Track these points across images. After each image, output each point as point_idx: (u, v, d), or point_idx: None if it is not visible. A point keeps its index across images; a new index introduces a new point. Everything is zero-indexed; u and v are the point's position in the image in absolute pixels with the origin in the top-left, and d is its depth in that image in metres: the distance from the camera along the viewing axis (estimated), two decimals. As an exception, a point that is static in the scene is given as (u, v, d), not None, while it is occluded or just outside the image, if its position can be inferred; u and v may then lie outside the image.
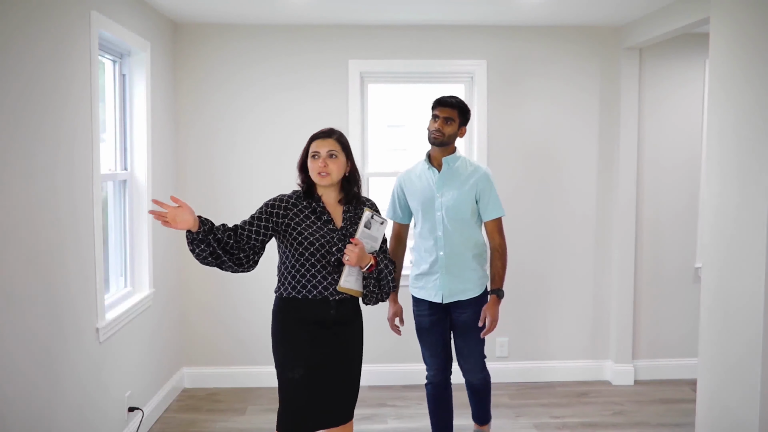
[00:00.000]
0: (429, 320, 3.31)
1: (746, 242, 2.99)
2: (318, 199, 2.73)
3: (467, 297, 3.25)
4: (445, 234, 3.22)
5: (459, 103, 3.23)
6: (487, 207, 3.24)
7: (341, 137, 2.74)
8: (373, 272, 2.70)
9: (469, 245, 3.24)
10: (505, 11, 4.23)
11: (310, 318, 2.67)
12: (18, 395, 2.55)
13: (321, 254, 2.64)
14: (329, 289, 2.66)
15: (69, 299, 2.98)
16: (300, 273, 2.66)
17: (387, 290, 2.78)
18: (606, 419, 4.20)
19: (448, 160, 3.24)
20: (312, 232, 2.65)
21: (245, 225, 2.65)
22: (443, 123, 3.18)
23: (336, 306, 2.69)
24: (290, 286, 2.68)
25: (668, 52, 4.73)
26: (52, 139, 2.84)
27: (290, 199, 2.71)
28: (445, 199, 3.21)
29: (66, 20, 2.96)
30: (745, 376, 2.99)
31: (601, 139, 4.76)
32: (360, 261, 2.63)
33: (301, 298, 2.67)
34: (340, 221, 2.71)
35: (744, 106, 3.02)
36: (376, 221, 2.72)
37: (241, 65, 4.59)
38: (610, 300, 4.85)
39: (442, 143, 3.20)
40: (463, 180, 3.22)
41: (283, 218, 2.67)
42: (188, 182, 4.61)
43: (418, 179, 3.31)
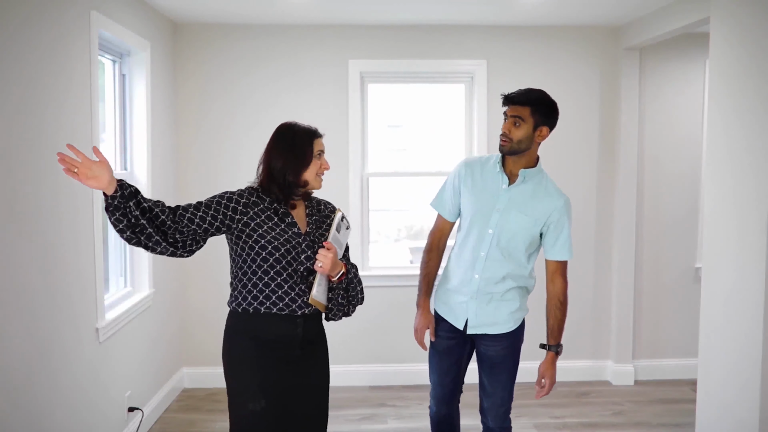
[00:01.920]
0: (446, 344, 2.79)
1: (746, 242, 2.98)
2: (279, 200, 2.37)
3: (496, 332, 2.71)
4: (489, 257, 2.64)
5: (533, 98, 2.56)
6: (555, 245, 2.65)
7: None
8: (342, 282, 2.35)
9: (513, 277, 2.68)
10: (505, 11, 4.23)
11: (273, 337, 2.29)
12: (18, 395, 2.55)
13: (287, 261, 2.28)
14: (297, 302, 2.29)
15: (69, 299, 2.98)
16: (262, 283, 2.28)
17: (355, 303, 2.43)
18: (606, 419, 4.20)
19: (526, 173, 2.62)
20: (275, 236, 2.28)
21: (190, 208, 2.27)
22: (511, 125, 2.55)
23: (303, 323, 2.31)
24: (249, 300, 2.30)
25: (668, 52, 4.73)
26: (53, 139, 2.84)
27: (251, 197, 2.34)
28: (505, 219, 2.61)
29: (66, 20, 2.96)
30: (745, 376, 2.99)
31: (601, 139, 4.76)
32: (333, 267, 2.29)
33: (263, 314, 2.28)
34: (305, 224, 2.39)
35: (744, 106, 3.02)
36: (344, 225, 2.41)
37: (241, 65, 4.59)
38: (610, 300, 4.84)
39: (512, 151, 2.57)
40: (535, 203, 2.61)
41: (241, 215, 2.30)
42: (188, 182, 4.61)
43: (482, 178, 2.69)
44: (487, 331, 2.71)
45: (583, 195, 4.78)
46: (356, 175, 4.65)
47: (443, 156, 4.94)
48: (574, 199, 4.77)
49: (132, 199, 2.13)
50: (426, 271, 2.84)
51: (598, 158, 4.77)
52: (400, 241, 5.28)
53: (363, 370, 4.77)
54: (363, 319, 4.72)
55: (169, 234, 2.22)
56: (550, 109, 2.58)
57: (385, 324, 4.74)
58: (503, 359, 2.73)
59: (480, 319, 2.69)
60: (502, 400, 2.77)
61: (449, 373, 2.82)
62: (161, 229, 2.20)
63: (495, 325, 2.70)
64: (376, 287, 4.72)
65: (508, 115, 2.56)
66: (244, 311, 2.31)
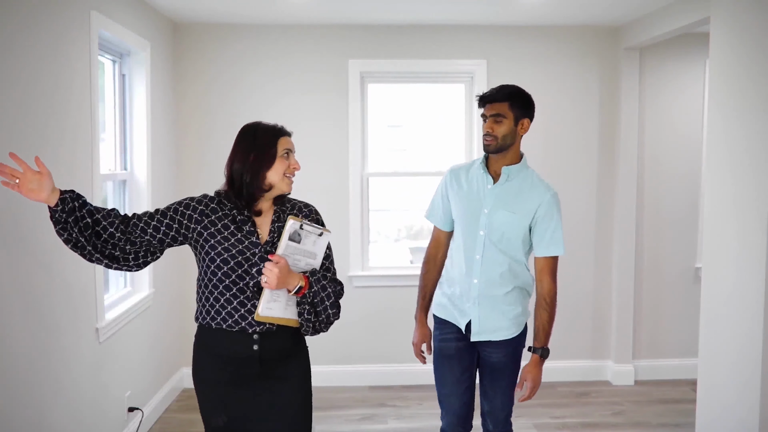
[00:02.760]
0: (455, 346, 2.66)
1: (746, 242, 2.98)
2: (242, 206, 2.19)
3: (499, 338, 2.63)
4: (484, 260, 2.59)
5: (508, 93, 2.57)
6: (543, 240, 2.57)
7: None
8: (305, 296, 2.14)
9: (510, 278, 2.62)
10: (505, 11, 4.23)
11: (228, 354, 2.15)
12: (18, 395, 2.55)
13: (237, 275, 2.11)
14: (247, 319, 2.12)
15: (69, 299, 2.98)
16: (213, 296, 2.15)
17: (325, 318, 2.19)
18: (606, 419, 4.20)
19: (509, 171, 2.58)
20: (227, 247, 2.12)
21: (144, 217, 2.16)
22: (492, 123, 2.54)
23: (260, 340, 2.14)
24: (206, 313, 2.17)
25: (668, 52, 4.73)
26: (52, 138, 2.84)
27: (211, 203, 2.19)
28: (492, 218, 2.57)
29: (66, 20, 2.96)
30: (745, 376, 2.99)
31: (601, 139, 4.76)
32: (283, 283, 2.08)
33: (215, 329, 2.16)
34: (267, 233, 2.19)
35: (745, 106, 3.02)
36: (308, 233, 2.15)
37: (241, 65, 4.59)
38: (610, 300, 4.84)
39: (498, 149, 2.55)
40: (521, 199, 2.57)
41: (196, 224, 2.16)
42: (188, 182, 4.61)
43: (468, 182, 2.67)
44: (490, 337, 2.63)
45: (583, 195, 4.78)
46: (356, 175, 4.65)
47: (443, 156, 4.94)
48: (575, 199, 4.77)
49: (72, 215, 2.06)
50: (423, 283, 2.80)
51: (598, 158, 4.77)
52: (400, 241, 5.28)
53: (363, 370, 4.77)
54: (363, 319, 4.72)
55: (119, 246, 2.12)
56: (526, 101, 2.59)
57: (385, 324, 4.74)
58: (505, 365, 2.66)
59: (483, 325, 2.62)
60: (502, 405, 2.69)
61: (463, 380, 2.66)
62: (109, 242, 2.11)
63: (498, 332, 2.63)
64: (376, 287, 4.72)
65: (487, 116, 2.55)
66: (202, 326, 2.20)
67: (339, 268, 4.66)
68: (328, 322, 2.21)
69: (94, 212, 2.11)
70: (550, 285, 2.60)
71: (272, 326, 2.15)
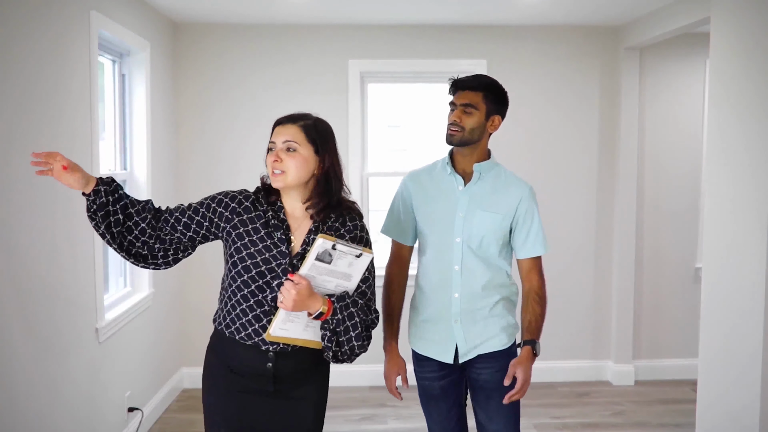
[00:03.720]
0: (439, 386, 2.39)
1: (746, 242, 2.98)
2: (278, 208, 2.02)
3: (490, 350, 2.34)
4: (464, 270, 2.31)
5: (484, 83, 2.31)
6: (527, 240, 2.34)
7: (312, 125, 2.00)
8: (327, 322, 1.92)
9: (494, 286, 2.35)
10: (504, 11, 4.22)
11: (241, 369, 1.98)
12: (18, 395, 2.55)
13: (258, 285, 1.94)
14: (261, 335, 1.95)
15: (69, 299, 2.98)
16: (231, 303, 1.98)
17: (349, 350, 1.96)
18: (606, 419, 4.20)
19: (480, 168, 2.34)
20: (253, 252, 1.94)
21: (175, 212, 2.02)
22: (461, 113, 2.29)
23: (275, 358, 1.96)
24: (222, 318, 2.02)
25: (668, 52, 4.73)
26: (52, 138, 2.83)
27: (245, 201, 2.02)
28: (470, 222, 2.30)
29: (65, 20, 2.96)
30: (746, 376, 2.98)
31: (601, 139, 4.76)
32: (301, 306, 1.87)
33: (228, 338, 1.99)
34: (301, 243, 1.98)
35: (745, 106, 3.02)
36: (342, 253, 1.91)
37: (241, 65, 4.59)
38: (610, 300, 4.84)
39: (462, 141, 2.30)
40: (499, 197, 2.33)
41: (225, 223, 1.99)
42: (188, 182, 4.61)
43: (434, 185, 2.40)
44: (480, 351, 2.34)
45: (584, 195, 4.78)
46: (356, 175, 4.65)
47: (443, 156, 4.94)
48: (575, 199, 4.77)
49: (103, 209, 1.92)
50: (389, 309, 2.45)
51: (598, 158, 4.77)
52: (400, 241, 5.28)
53: (363, 370, 4.76)
54: (363, 319, 4.72)
55: (149, 244, 1.99)
56: (501, 97, 2.34)
57: (385, 324, 4.73)
58: (499, 384, 2.29)
59: (471, 342, 2.33)
60: (506, 429, 2.34)
61: (452, 417, 2.43)
62: (140, 239, 1.98)
63: (487, 342, 2.33)
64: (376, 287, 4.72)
65: (456, 104, 2.30)
66: (218, 330, 2.04)
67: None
68: (352, 353, 1.97)
69: (128, 206, 1.97)
70: (539, 281, 2.37)
71: (288, 346, 1.96)
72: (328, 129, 2.04)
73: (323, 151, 1.99)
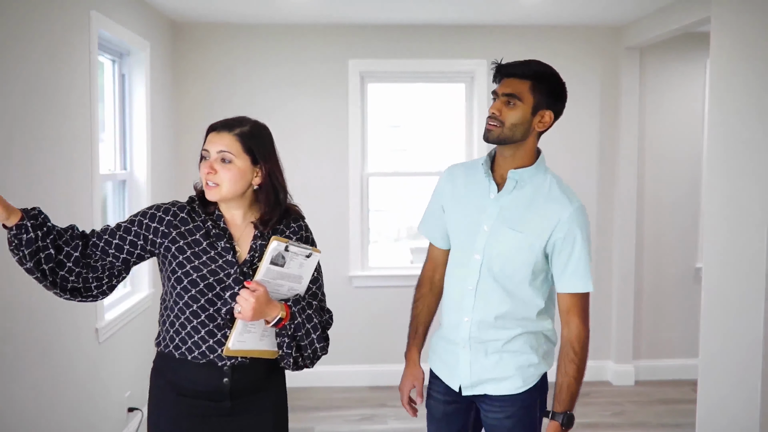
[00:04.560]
0: (443, 410, 2.12)
1: (747, 242, 2.98)
2: (217, 216, 1.89)
3: (499, 393, 1.99)
4: (478, 294, 1.98)
5: (534, 70, 1.94)
6: (565, 271, 1.92)
7: (248, 133, 1.87)
8: (285, 328, 1.82)
9: (512, 322, 1.97)
10: (505, 11, 4.22)
11: (194, 390, 1.85)
12: (17, 395, 2.55)
13: (208, 299, 1.81)
14: (216, 351, 1.82)
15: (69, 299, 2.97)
16: (179, 322, 1.84)
17: (311, 353, 1.87)
18: (606, 420, 4.19)
19: (518, 175, 1.96)
20: (198, 266, 1.82)
21: (104, 235, 1.84)
22: (502, 104, 1.91)
23: (231, 373, 1.84)
24: (169, 339, 1.86)
25: (668, 52, 4.73)
26: (52, 138, 2.83)
27: (180, 212, 1.88)
28: (494, 239, 1.95)
29: (65, 20, 2.96)
30: (746, 377, 2.98)
31: (601, 139, 4.76)
32: (260, 314, 1.77)
33: (179, 358, 1.84)
34: (247, 250, 1.88)
35: (745, 106, 3.02)
36: (294, 254, 1.81)
37: (241, 65, 4.58)
38: (610, 300, 4.84)
39: (501, 139, 1.92)
40: (531, 215, 1.94)
41: (162, 238, 1.84)
42: (188, 182, 4.59)
43: (466, 186, 2.05)
44: (488, 390, 1.99)
45: (584, 195, 4.78)
46: (356, 175, 4.65)
47: (443, 156, 4.94)
48: (575, 199, 4.76)
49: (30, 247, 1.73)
50: (415, 311, 2.19)
51: (598, 158, 4.77)
52: (400, 241, 5.28)
53: (363, 370, 4.76)
54: (363, 319, 4.72)
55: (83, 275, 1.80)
56: (556, 88, 1.97)
57: (385, 324, 4.73)
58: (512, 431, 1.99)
59: (477, 375, 2.00)
60: None
61: None
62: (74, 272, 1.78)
63: (496, 383, 1.99)
64: (376, 287, 4.72)
65: (498, 94, 1.92)
66: (163, 352, 1.88)
67: (339, 268, 4.67)
68: (314, 356, 1.88)
69: (56, 237, 1.78)
70: (579, 328, 1.93)
71: (245, 359, 1.85)
72: (265, 135, 1.92)
73: (261, 160, 1.86)
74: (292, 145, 4.64)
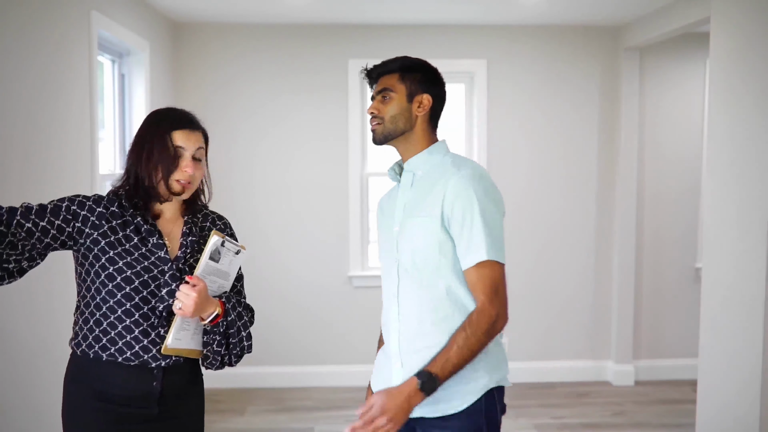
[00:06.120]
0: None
1: (747, 242, 2.98)
2: (146, 212, 1.81)
3: (439, 414, 1.77)
4: (401, 295, 1.82)
5: (400, 63, 1.94)
6: (461, 242, 1.73)
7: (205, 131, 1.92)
8: (218, 325, 1.78)
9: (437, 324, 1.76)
10: (505, 11, 4.23)
11: (120, 393, 1.75)
12: (18, 395, 2.55)
13: (141, 297, 1.74)
14: (151, 351, 1.74)
15: (69, 299, 2.97)
16: (107, 322, 1.74)
17: (239, 351, 1.85)
18: (606, 420, 4.19)
19: (411, 165, 1.89)
20: (130, 262, 1.74)
21: (29, 215, 1.68)
22: (379, 102, 1.88)
23: (161, 376, 1.77)
24: (93, 340, 1.75)
25: (668, 52, 4.73)
26: (52, 138, 2.83)
27: (111, 206, 1.78)
28: (402, 235, 1.83)
29: (66, 20, 2.96)
30: (746, 377, 2.98)
31: (601, 139, 4.76)
32: (200, 309, 1.72)
33: (105, 362, 1.74)
34: (177, 247, 1.82)
35: (745, 106, 3.02)
36: (227, 250, 1.80)
37: (241, 65, 4.59)
38: (610, 300, 4.84)
39: (387, 134, 1.87)
40: (428, 194, 1.80)
41: (92, 229, 1.74)
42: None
43: (388, 204, 1.97)
44: (424, 413, 1.77)
45: (584, 195, 4.78)
46: (356, 175, 4.65)
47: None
48: (575, 200, 4.76)
49: None
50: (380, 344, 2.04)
51: (598, 158, 4.77)
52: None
53: (363, 370, 4.76)
54: (363, 319, 4.72)
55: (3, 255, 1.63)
56: (427, 73, 1.94)
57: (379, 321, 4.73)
58: None
59: None
60: None
61: None
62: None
63: (440, 402, 1.76)
64: (376, 287, 4.71)
65: (374, 96, 1.91)
66: (84, 356, 1.77)
67: (339, 268, 4.67)
68: (241, 354, 1.86)
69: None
70: (483, 305, 1.70)
71: (179, 359, 1.78)
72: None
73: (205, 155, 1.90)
74: (292, 144, 4.64)
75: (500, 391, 1.85)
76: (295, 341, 4.67)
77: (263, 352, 4.75)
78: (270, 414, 4.25)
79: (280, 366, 4.71)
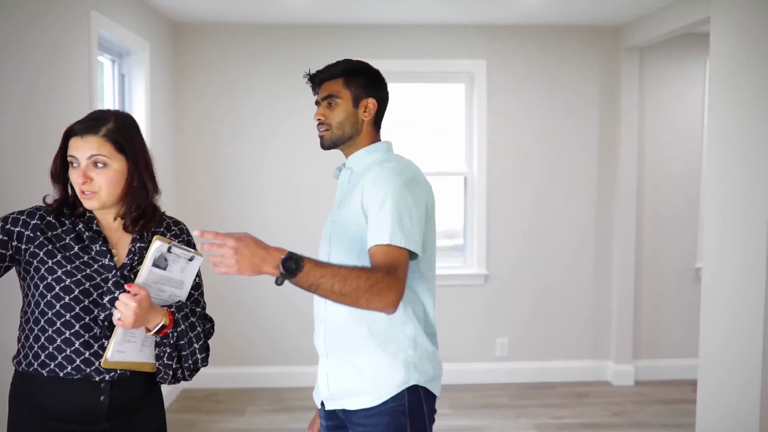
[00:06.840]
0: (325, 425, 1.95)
1: (746, 242, 2.98)
2: (89, 219, 1.73)
3: (358, 406, 1.80)
4: None
5: (342, 68, 1.94)
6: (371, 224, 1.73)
7: (115, 129, 1.70)
8: (168, 336, 1.69)
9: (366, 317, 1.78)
10: (505, 11, 4.23)
11: (66, 412, 1.66)
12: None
13: (83, 306, 1.65)
14: (93, 364, 1.65)
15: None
16: (46, 335, 1.66)
17: (192, 364, 1.75)
18: (606, 420, 4.19)
19: (350, 162, 1.93)
20: (70, 270, 1.65)
21: None
22: (325, 108, 1.91)
23: (109, 389, 1.68)
24: (33, 357, 1.67)
25: (668, 52, 4.73)
26: (52, 138, 2.83)
27: (47, 216, 1.71)
28: (333, 227, 1.89)
29: (65, 20, 2.96)
30: (746, 376, 2.98)
31: (601, 139, 4.76)
32: (142, 320, 1.61)
33: (47, 378, 1.66)
34: (125, 254, 1.74)
35: (745, 106, 3.02)
36: (177, 256, 1.69)
37: (241, 65, 4.58)
38: (610, 300, 4.84)
39: (335, 140, 1.90)
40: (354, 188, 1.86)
41: (29, 243, 1.67)
42: (187, 182, 4.61)
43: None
44: (347, 405, 1.82)
45: (584, 195, 4.78)
46: (356, 175, 4.65)
47: (443, 156, 4.94)
48: (575, 200, 4.76)
49: None
50: None
51: (598, 158, 4.77)
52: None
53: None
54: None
55: None
56: (370, 77, 1.94)
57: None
58: None
59: (334, 386, 1.85)
60: None
61: None
62: None
63: (355, 395, 1.80)
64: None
65: (319, 101, 1.93)
66: (26, 373, 1.68)
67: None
68: (194, 368, 1.76)
69: None
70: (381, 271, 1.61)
71: (125, 372, 1.69)
72: (131, 125, 1.75)
73: (133, 154, 1.71)
74: (292, 145, 4.64)
75: (429, 396, 1.82)
76: (295, 341, 4.67)
77: (263, 352, 4.75)
78: (270, 414, 4.25)
79: (280, 366, 4.72)
